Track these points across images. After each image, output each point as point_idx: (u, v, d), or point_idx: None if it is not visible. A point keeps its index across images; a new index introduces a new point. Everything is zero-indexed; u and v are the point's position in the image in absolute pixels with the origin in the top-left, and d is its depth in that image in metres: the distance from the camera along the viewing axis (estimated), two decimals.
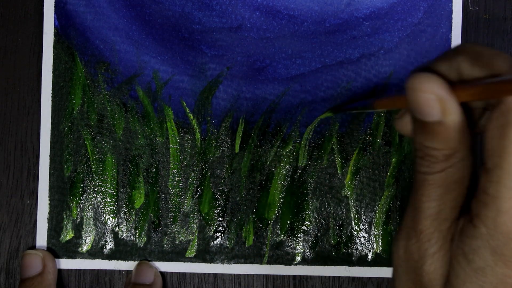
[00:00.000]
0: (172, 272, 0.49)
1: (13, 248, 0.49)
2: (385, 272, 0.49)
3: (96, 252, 0.49)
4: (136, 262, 0.49)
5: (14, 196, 0.49)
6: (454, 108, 0.32)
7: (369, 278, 0.49)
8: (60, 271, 0.49)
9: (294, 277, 0.49)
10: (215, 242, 0.49)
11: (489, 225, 0.32)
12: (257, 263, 0.49)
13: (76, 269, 0.49)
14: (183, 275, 0.49)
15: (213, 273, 0.49)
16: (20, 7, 0.49)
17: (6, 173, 0.49)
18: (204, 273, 0.49)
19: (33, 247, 0.49)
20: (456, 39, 0.48)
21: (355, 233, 0.49)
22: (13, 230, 0.49)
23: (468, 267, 0.33)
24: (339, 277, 0.49)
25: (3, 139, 0.50)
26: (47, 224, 0.49)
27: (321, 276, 0.49)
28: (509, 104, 0.31)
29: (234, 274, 0.49)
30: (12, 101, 0.49)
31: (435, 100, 0.32)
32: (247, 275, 0.49)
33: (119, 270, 0.49)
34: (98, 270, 0.49)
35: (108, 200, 0.49)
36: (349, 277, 0.49)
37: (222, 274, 0.49)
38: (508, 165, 0.31)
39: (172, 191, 0.49)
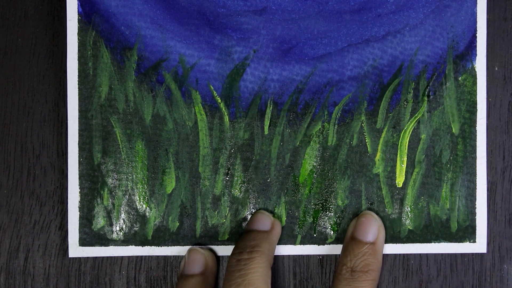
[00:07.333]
0: None
1: (13, 249, 0.49)
2: (418, 248, 0.49)
3: (129, 239, 0.49)
4: (187, 248, 0.48)
5: (14, 196, 0.49)
6: None
7: (403, 255, 0.49)
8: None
9: (322, 256, 0.49)
10: None
11: None
12: (290, 244, 0.49)
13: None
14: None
15: None
16: (19, 7, 0.49)
17: (6, 174, 0.49)
18: None
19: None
20: (481, 12, 0.48)
21: (387, 210, 0.49)
22: (13, 231, 0.49)
23: None
24: None
25: (2, 139, 0.49)
26: (78, 213, 0.48)
27: None
28: None
29: None
30: (12, 101, 0.49)
31: None
32: (279, 256, 0.49)
33: (119, 270, 0.49)
34: (128, 256, 0.49)
35: (139, 186, 0.49)
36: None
37: None
38: None
39: (203, 175, 0.49)
